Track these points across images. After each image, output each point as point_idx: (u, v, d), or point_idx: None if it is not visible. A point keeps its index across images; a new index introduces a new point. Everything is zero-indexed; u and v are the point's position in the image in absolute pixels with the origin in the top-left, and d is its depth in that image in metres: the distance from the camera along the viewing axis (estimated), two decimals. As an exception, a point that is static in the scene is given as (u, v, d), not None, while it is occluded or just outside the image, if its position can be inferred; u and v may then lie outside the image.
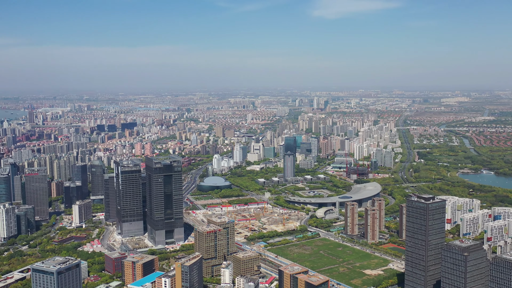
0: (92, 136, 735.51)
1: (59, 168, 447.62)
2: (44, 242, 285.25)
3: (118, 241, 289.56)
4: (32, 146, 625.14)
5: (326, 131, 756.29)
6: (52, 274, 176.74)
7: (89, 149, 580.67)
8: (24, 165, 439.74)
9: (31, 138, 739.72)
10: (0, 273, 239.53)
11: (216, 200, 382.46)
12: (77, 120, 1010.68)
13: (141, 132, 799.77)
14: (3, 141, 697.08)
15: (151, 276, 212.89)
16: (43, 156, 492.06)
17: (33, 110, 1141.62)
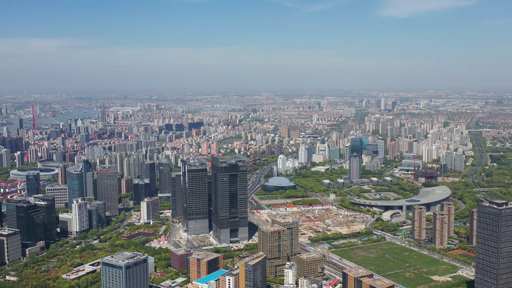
0: (161, 135, 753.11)
1: (128, 165, 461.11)
2: (114, 237, 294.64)
3: (184, 238, 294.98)
4: (103, 144, 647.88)
5: (393, 133, 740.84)
6: (121, 268, 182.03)
7: (157, 148, 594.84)
8: (96, 162, 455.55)
9: (103, 136, 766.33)
10: (73, 266, 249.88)
11: (281, 200, 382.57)
12: (146, 119, 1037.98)
13: (207, 131, 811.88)
14: (77, 139, 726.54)
15: (215, 273, 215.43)
16: (114, 154, 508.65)
17: (105, 109, 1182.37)
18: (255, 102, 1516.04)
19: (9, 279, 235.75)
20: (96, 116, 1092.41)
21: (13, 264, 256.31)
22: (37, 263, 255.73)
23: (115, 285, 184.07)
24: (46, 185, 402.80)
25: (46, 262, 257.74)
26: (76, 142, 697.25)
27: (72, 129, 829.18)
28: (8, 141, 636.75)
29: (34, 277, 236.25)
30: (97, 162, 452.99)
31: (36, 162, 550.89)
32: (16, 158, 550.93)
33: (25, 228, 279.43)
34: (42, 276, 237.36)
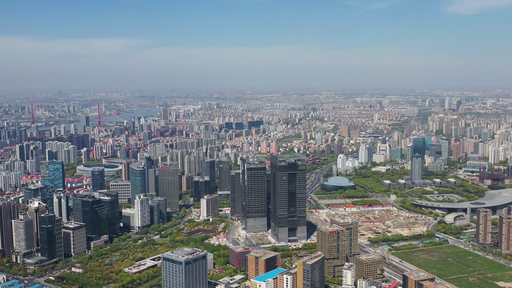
0: (221, 133, 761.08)
1: (189, 163, 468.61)
2: (174, 233, 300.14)
3: (243, 236, 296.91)
4: (165, 141, 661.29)
5: (458, 133, 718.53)
6: (181, 264, 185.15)
7: (217, 146, 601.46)
8: (158, 159, 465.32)
9: (164, 134, 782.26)
10: (135, 260, 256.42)
11: (340, 200, 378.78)
12: (207, 117, 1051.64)
13: (267, 130, 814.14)
14: (140, 137, 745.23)
15: (273, 272, 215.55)
16: (175, 151, 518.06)
17: (167, 107, 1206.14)
18: (315, 101, 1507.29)
19: (74, 270, 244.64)
20: (158, 114, 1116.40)
21: (78, 256, 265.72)
22: (101, 256, 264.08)
23: (175, 280, 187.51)
24: (110, 181, 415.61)
25: (109, 256, 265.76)
26: (139, 140, 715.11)
27: (136, 127, 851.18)
28: (75, 138, 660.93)
29: (98, 269, 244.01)
30: (159, 159, 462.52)
31: (101, 159, 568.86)
32: (83, 154, 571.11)
33: (90, 222, 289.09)
34: (106, 269, 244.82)
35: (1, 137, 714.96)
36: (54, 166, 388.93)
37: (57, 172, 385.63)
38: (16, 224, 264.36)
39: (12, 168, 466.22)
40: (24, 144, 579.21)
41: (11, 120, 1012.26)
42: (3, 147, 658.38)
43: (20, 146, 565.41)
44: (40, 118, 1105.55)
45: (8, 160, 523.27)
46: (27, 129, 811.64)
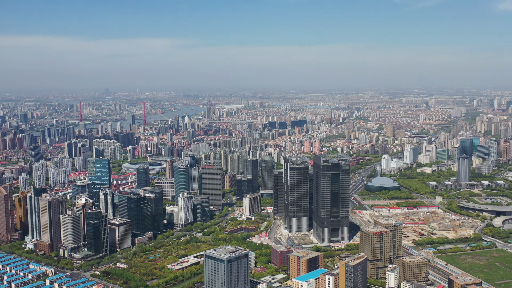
0: (264, 133, 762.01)
1: (232, 161, 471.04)
2: (217, 231, 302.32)
3: (285, 235, 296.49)
4: (209, 140, 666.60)
5: (508, 134, 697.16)
6: (223, 262, 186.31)
7: (260, 145, 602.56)
8: (201, 157, 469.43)
9: (208, 133, 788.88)
10: (178, 256, 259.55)
11: (384, 201, 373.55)
12: (250, 116, 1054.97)
13: (310, 129, 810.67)
14: (184, 135, 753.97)
15: (315, 272, 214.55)
16: (219, 150, 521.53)
17: (211, 106, 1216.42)
18: (359, 101, 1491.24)
19: (119, 266, 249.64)
20: (202, 113, 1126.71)
21: (123, 252, 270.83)
22: (145, 252, 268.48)
23: (217, 277, 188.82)
24: (154, 179, 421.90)
25: (153, 252, 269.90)
26: (183, 138, 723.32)
27: (180, 125, 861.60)
28: (121, 135, 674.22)
29: (142, 265, 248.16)
30: (203, 158, 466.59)
31: (146, 156, 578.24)
32: (128, 152, 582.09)
33: (135, 218, 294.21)
34: (149, 265, 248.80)
35: (51, 134, 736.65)
36: (101, 163, 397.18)
37: (104, 169, 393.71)
38: (64, 220, 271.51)
39: (61, 165, 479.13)
40: (72, 141, 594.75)
41: (60, 118, 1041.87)
42: (52, 144, 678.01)
43: (69, 143, 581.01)
44: (88, 116, 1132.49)
45: (57, 157, 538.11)
46: (75, 127, 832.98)
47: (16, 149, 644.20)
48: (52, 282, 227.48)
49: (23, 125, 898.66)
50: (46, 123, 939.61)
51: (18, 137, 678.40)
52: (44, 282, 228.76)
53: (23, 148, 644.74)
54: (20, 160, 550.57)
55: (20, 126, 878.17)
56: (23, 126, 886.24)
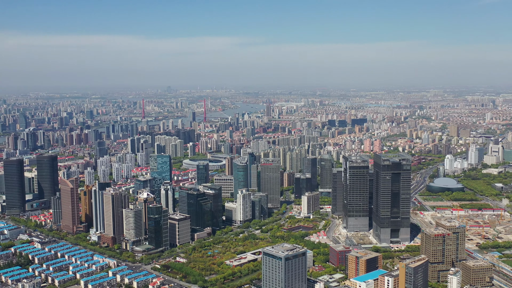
0: (323, 131, 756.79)
1: (291, 159, 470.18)
2: (275, 229, 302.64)
3: (343, 235, 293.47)
4: (268, 138, 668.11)
5: None
6: (281, 259, 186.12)
7: (319, 143, 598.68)
8: (261, 155, 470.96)
9: (267, 130, 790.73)
10: (236, 253, 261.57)
11: (446, 203, 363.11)
12: (309, 114, 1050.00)
13: (370, 128, 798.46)
14: (243, 132, 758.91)
15: (374, 273, 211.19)
16: (277, 148, 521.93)
17: (270, 104, 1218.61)
18: (422, 99, 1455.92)
19: (179, 260, 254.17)
20: (261, 110, 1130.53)
21: (183, 246, 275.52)
22: (204, 248, 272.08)
23: (274, 275, 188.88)
24: (214, 175, 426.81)
25: (211, 248, 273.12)
26: (243, 135, 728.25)
27: (239, 123, 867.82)
28: (182, 132, 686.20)
29: (201, 260, 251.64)
30: (261, 155, 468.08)
31: (206, 153, 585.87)
32: (189, 149, 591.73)
33: (195, 214, 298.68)
34: (208, 260, 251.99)
35: (115, 130, 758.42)
36: (162, 159, 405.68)
37: (165, 165, 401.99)
38: (126, 214, 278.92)
39: (124, 160, 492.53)
40: (135, 137, 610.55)
41: (124, 115, 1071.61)
42: (116, 140, 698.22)
43: (132, 139, 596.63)
44: (150, 113, 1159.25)
45: (121, 152, 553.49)
46: (138, 123, 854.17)
47: (82, 144, 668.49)
48: (114, 274, 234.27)
49: (89, 121, 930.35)
50: (111, 119, 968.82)
51: (84, 133, 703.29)
52: (107, 274, 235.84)
53: (89, 143, 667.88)
54: (86, 155, 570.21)
55: (86, 122, 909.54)
56: (89, 122, 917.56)
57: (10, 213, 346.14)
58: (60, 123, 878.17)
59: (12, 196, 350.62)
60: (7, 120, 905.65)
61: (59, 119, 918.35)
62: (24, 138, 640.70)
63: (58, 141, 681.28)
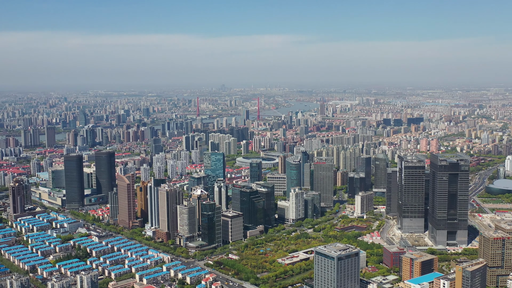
0: (378, 130, 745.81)
1: (344, 158, 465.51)
2: (327, 228, 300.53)
3: (398, 236, 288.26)
4: (321, 136, 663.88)
5: None
6: (333, 259, 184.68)
7: (374, 142, 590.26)
8: (314, 153, 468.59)
9: (321, 129, 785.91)
10: (288, 251, 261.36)
11: (507, 205, 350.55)
12: (364, 113, 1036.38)
13: (427, 127, 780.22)
14: (296, 131, 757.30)
15: (429, 275, 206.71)
16: (331, 147, 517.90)
17: (324, 102, 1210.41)
18: (481, 98, 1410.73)
19: (231, 257, 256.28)
20: (315, 109, 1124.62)
21: (235, 244, 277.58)
22: (256, 245, 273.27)
23: (326, 274, 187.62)
24: (267, 173, 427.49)
25: (264, 245, 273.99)
26: (296, 134, 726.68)
27: (293, 121, 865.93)
28: (236, 130, 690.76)
29: (253, 258, 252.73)
30: (315, 154, 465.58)
31: (259, 151, 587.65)
32: (242, 147, 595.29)
33: (247, 211, 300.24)
34: (260, 258, 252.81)
35: (170, 128, 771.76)
36: (216, 157, 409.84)
37: (219, 162, 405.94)
38: (180, 210, 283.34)
39: (179, 157, 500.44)
40: (190, 135, 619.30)
41: (179, 113, 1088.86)
42: (171, 137, 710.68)
43: (186, 137, 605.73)
44: (205, 111, 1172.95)
45: (176, 149, 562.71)
46: (192, 121, 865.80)
47: (138, 141, 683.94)
48: (168, 269, 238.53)
49: (145, 119, 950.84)
50: (166, 117, 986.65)
51: (140, 130, 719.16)
52: (161, 268, 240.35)
53: (145, 140, 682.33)
54: (142, 152, 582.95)
55: (143, 119, 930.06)
56: (145, 119, 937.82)
57: (69, 207, 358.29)
58: (117, 121, 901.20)
59: (71, 190, 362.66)
60: (67, 117, 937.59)
61: (116, 116, 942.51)
62: (84, 134, 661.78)
63: (116, 138, 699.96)
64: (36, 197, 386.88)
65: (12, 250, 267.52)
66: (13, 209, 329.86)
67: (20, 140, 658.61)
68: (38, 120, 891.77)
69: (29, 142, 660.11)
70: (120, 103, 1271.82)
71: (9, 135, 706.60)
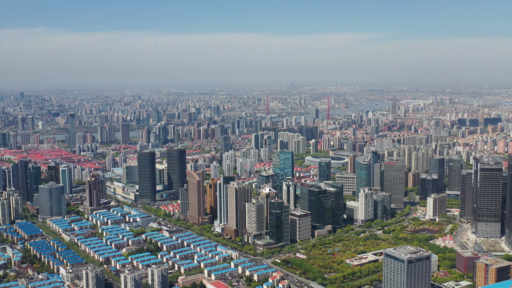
0: (452, 130, 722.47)
1: (416, 159, 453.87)
2: (398, 230, 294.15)
3: (472, 240, 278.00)
4: (392, 136, 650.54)
5: None
6: (403, 262, 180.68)
7: (448, 143, 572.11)
8: (384, 154, 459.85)
9: (392, 129, 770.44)
10: (356, 252, 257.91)
11: None
12: (438, 113, 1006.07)
13: (505, 128, 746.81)
14: (367, 130, 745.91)
15: (505, 283, 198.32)
16: (402, 147, 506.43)
17: (396, 101, 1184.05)
18: None
19: (299, 256, 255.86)
20: (386, 108, 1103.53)
21: (303, 243, 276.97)
22: (324, 245, 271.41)
23: (396, 277, 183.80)
24: (336, 173, 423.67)
25: (332, 245, 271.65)
26: (366, 133, 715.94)
27: (363, 121, 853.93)
28: (305, 129, 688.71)
29: (321, 257, 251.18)
30: (385, 154, 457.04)
31: (328, 150, 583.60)
32: (311, 146, 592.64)
33: (315, 211, 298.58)
34: (328, 258, 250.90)
35: (239, 126, 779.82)
36: (285, 156, 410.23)
37: (287, 161, 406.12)
38: (249, 207, 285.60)
39: (248, 155, 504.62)
40: (259, 133, 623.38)
41: (248, 111, 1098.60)
42: (240, 135, 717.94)
43: (256, 135, 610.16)
44: (274, 109, 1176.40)
45: (245, 147, 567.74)
46: (262, 119, 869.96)
47: (209, 139, 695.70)
48: (236, 265, 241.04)
49: (216, 117, 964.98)
50: (236, 115, 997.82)
51: (211, 128, 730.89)
52: (229, 265, 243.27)
53: (215, 138, 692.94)
54: (212, 150, 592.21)
55: (213, 117, 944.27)
56: (215, 117, 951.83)
57: (142, 202, 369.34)
58: (189, 118, 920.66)
59: (144, 186, 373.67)
60: (141, 115, 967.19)
61: (188, 114, 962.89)
62: (156, 132, 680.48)
63: (187, 135, 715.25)
64: (110, 191, 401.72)
65: (88, 242, 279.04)
66: (89, 202, 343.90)
67: (97, 136, 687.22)
68: (114, 118, 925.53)
69: (105, 139, 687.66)
70: (191, 101, 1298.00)
71: (87, 131, 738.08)
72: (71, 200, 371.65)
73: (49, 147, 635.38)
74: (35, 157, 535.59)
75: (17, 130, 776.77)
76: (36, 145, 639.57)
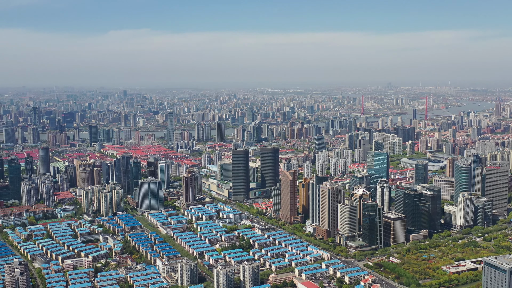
0: None
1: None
2: (499, 238, 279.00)
3: None
4: (496, 139, 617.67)
5: None
6: (505, 272, 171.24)
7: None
8: (487, 157, 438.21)
9: (495, 131, 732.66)
10: (453, 259, 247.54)
11: None
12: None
13: None
14: (468, 132, 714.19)
15: None
16: (507, 150, 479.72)
17: (501, 102, 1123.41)
18: None
19: (392, 260, 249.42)
20: (490, 109, 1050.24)
21: (397, 247, 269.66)
22: (419, 250, 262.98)
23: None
24: (433, 176, 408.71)
25: (427, 251, 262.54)
26: (467, 135, 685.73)
27: (464, 122, 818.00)
28: (401, 130, 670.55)
29: (415, 263, 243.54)
30: (488, 158, 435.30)
31: (426, 152, 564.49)
32: (407, 147, 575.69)
33: (411, 214, 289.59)
34: (423, 263, 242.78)
35: (334, 126, 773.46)
36: (380, 157, 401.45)
37: (382, 162, 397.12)
38: (341, 208, 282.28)
39: (341, 156, 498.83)
40: (353, 133, 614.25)
41: (343, 111, 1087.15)
42: (334, 135, 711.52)
43: (350, 135, 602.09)
44: (369, 109, 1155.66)
45: (338, 148, 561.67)
46: (357, 119, 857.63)
47: (302, 138, 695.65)
48: (327, 266, 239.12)
49: (309, 116, 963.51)
50: (330, 115, 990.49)
51: (304, 127, 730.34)
52: (320, 265, 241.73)
53: (308, 137, 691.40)
54: (305, 149, 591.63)
55: (307, 117, 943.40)
56: (309, 117, 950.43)
57: (235, 199, 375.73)
58: (282, 117, 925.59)
59: (238, 183, 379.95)
60: (236, 113, 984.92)
61: (282, 113, 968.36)
62: (251, 130, 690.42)
63: (281, 134, 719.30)
64: (205, 188, 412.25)
65: (183, 236, 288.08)
66: (185, 198, 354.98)
67: (194, 134, 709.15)
68: (210, 116, 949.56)
69: (201, 136, 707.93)
70: (285, 101, 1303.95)
71: (184, 129, 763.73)
72: (168, 195, 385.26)
73: (148, 144, 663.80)
74: (135, 152, 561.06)
75: (120, 126, 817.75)
76: (137, 141, 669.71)
